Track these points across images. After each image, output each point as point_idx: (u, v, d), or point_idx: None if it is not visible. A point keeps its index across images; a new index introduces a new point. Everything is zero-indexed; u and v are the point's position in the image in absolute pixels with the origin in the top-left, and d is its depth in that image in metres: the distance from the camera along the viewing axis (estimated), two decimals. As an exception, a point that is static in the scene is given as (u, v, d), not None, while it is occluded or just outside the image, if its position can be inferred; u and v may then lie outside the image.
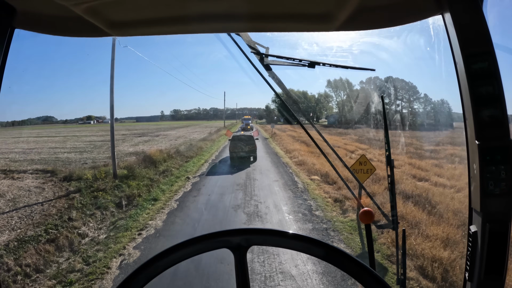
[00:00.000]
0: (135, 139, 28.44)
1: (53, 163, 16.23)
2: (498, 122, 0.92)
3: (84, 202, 10.47)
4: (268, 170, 13.18)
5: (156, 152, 15.67)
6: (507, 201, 0.92)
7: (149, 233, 7.50)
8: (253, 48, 1.45)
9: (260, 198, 9.22)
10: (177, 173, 13.22)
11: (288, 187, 10.56)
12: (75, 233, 8.49)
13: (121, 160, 16.71)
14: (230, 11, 1.14)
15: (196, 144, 21.44)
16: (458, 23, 0.96)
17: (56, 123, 51.04)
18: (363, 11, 1.10)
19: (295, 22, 1.20)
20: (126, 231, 7.98)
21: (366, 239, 1.13)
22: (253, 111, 66.68)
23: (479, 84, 0.93)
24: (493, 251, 0.93)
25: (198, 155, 18.17)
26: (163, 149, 19.23)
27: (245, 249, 0.81)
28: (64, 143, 26.28)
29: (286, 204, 8.72)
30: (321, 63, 1.47)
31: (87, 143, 26.39)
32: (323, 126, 38.88)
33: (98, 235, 8.44)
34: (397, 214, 1.44)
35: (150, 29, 1.23)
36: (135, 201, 10.31)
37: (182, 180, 12.15)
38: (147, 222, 8.14)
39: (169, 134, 32.24)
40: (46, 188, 12.35)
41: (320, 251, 0.78)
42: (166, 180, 12.25)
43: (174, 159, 16.49)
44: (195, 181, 11.74)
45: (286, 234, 0.80)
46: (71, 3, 0.99)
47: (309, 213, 8.10)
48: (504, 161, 0.91)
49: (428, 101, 35.58)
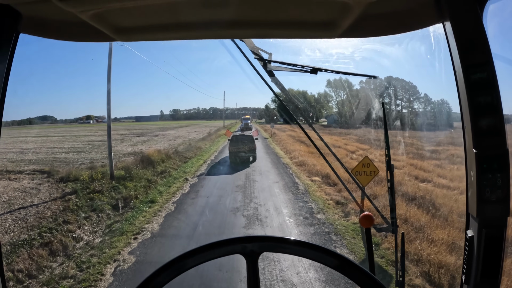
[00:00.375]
0: (134, 139, 28.16)
1: (51, 163, 15.97)
2: (495, 131, 0.94)
3: (80, 204, 10.20)
4: (268, 171, 12.92)
5: (154, 152, 15.39)
6: (502, 207, 0.94)
7: (145, 238, 7.23)
8: (257, 54, 1.47)
9: (260, 201, 8.95)
10: (175, 174, 12.95)
11: (289, 188, 10.30)
12: (69, 237, 8.23)
13: (119, 161, 16.46)
14: (234, 18, 1.15)
15: (195, 145, 21.17)
16: (458, 32, 0.97)
17: (56, 122, 51.26)
18: (365, 19, 1.10)
19: (298, 29, 1.20)
20: (121, 235, 7.72)
21: (366, 243, 1.11)
22: (253, 110, 66.30)
23: (477, 93, 0.95)
24: (489, 255, 0.95)
25: (197, 155, 17.90)
26: (162, 149, 18.96)
27: (257, 255, 0.84)
28: (63, 143, 26.08)
29: (286, 207, 8.46)
30: (323, 69, 1.48)
31: (86, 143, 26.16)
32: (323, 126, 38.62)
33: (93, 239, 8.17)
34: (399, 217, 1.59)
35: (155, 34, 1.23)
36: (132, 203, 10.05)
37: (180, 181, 11.88)
38: (143, 226, 7.87)
39: (168, 134, 31.93)
40: (42, 190, 12.07)
41: (331, 261, 0.81)
42: (164, 182, 11.97)
43: (172, 159, 16.23)
44: (194, 183, 11.47)
45: (298, 242, 0.84)
46: (77, 10, 0.98)
47: (311, 216, 7.84)
48: (501, 169, 0.93)
49: (428, 101, 35.36)
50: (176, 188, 10.92)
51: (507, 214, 0.95)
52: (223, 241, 0.84)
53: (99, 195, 10.91)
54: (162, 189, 10.94)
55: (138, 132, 36.01)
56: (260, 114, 61.17)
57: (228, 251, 0.85)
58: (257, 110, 64.92)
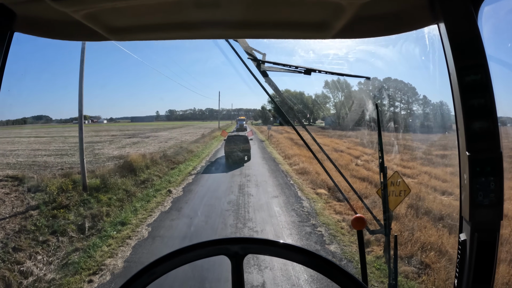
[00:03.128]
0: (124, 140, 26.26)
1: (28, 168, 13.97)
2: (489, 134, 0.91)
3: (40, 223, 8.12)
4: (266, 182, 10.89)
5: (139, 157, 13.31)
6: (495, 211, 0.90)
7: (102, 281, 5.22)
8: (250, 54, 1.46)
9: (256, 225, 6.95)
10: (158, 185, 10.90)
11: (291, 205, 8.30)
12: (15, 271, 6.19)
13: (101, 165, 14.52)
14: (228, 18, 1.11)
15: (187, 147, 19.12)
16: (452, 34, 0.94)
17: (50, 122, 50.24)
18: (359, 20, 1.05)
19: (292, 29, 1.16)
20: (75, 273, 5.71)
21: (358, 245, 1.03)
22: (249, 111, 64.77)
23: (471, 96, 0.91)
24: (481, 259, 0.92)
25: (187, 160, 15.86)
26: (149, 153, 16.95)
27: (241, 257, 0.83)
28: (49, 145, 24.51)
29: (290, 234, 6.46)
30: (317, 70, 1.45)
31: (72, 145, 24.55)
32: (321, 127, 36.94)
33: (45, 274, 6.12)
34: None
35: (149, 34, 1.20)
36: (101, 224, 8.01)
37: (163, 194, 9.82)
38: (104, 261, 5.84)
39: (160, 135, 29.86)
40: (7, 201, 9.94)
41: (317, 264, 0.79)
42: (143, 194, 9.93)
43: (159, 165, 14.17)
44: (177, 196, 9.42)
45: (280, 244, 0.82)
46: (70, 10, 0.96)
47: (322, 249, 5.88)
48: (494, 172, 0.90)
49: (427, 103, 34.03)
50: (156, 203, 8.88)
51: (499, 218, 0.90)
52: (207, 242, 0.83)
53: (65, 211, 8.84)
54: (138, 205, 8.90)
55: (130, 133, 34.05)
56: (256, 115, 59.19)
57: (212, 252, 0.84)
58: (253, 111, 63.14)
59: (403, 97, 36.89)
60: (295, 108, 29.88)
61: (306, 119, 42.44)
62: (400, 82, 35.95)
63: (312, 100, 43.94)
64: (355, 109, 27.77)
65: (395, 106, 37.21)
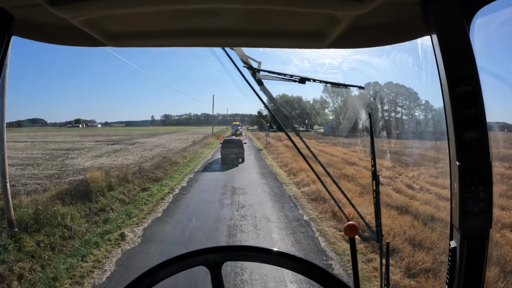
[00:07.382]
0: (105, 147, 22.60)
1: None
2: (479, 144, 0.89)
3: None
4: (268, 219, 7.26)
5: (98, 176, 9.68)
6: (485, 219, 0.88)
7: None
8: (246, 63, 1.42)
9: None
10: (114, 220, 7.29)
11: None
12: None
13: (64, 182, 10.93)
14: (225, 27, 1.08)
15: (172, 158, 15.53)
16: (444, 45, 0.92)
17: (45, 125, 47.95)
18: (353, 31, 1.03)
19: (287, 39, 1.12)
20: None
21: (351, 252, 0.93)
22: (245, 117, 61.51)
23: (462, 107, 0.89)
24: (471, 266, 0.90)
25: (167, 175, 12.28)
26: (124, 165, 13.37)
27: (219, 265, 0.82)
28: (23, 151, 21.02)
29: None
30: (312, 79, 1.44)
31: (47, 152, 21.01)
32: (320, 133, 33.72)
33: None
34: (382, 225, 1.35)
35: (146, 41, 1.17)
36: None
37: (112, 240, 6.19)
38: None
39: (147, 141, 26.19)
40: None
41: (296, 266, 0.80)
42: (87, 238, 6.34)
43: (129, 183, 10.58)
44: (134, 247, 5.84)
45: (259, 249, 0.82)
46: (69, 16, 0.93)
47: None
48: (483, 181, 0.88)
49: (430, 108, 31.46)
50: (95, 260, 5.30)
51: (489, 226, 0.88)
52: (185, 254, 0.82)
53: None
54: (71, 262, 5.33)
55: (116, 139, 30.33)
56: (252, 121, 55.73)
57: (191, 264, 0.82)
58: (249, 117, 59.75)
59: (405, 102, 34.33)
60: (289, 116, 27.62)
61: (304, 125, 39.31)
62: (402, 86, 33.32)
63: (310, 105, 40.90)
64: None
65: (396, 111, 34.61)
